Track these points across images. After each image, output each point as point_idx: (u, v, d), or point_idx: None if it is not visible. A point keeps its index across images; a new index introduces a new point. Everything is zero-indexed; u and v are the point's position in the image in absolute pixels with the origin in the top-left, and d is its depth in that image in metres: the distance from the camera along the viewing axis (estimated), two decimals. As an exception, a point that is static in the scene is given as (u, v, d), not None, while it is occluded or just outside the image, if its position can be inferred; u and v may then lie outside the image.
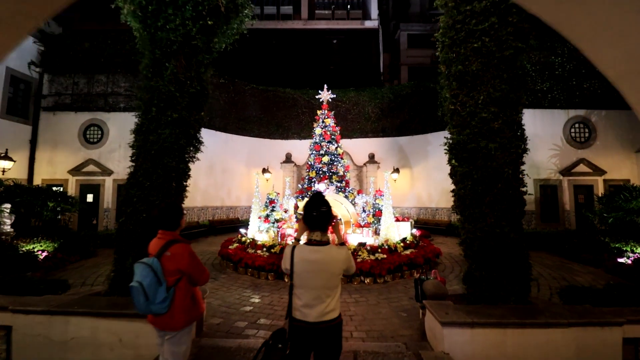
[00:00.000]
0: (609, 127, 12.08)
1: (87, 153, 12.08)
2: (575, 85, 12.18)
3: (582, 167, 11.81)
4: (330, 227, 2.06)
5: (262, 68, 19.81)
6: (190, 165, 4.57)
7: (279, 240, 7.63)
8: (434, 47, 4.85)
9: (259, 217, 8.09)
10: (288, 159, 16.94)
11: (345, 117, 17.30)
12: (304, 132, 16.75)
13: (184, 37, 4.15)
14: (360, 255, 6.91)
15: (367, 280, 6.53)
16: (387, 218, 7.80)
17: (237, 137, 16.29)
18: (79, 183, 12.03)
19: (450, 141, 4.32)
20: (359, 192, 9.70)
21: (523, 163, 4.00)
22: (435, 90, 15.85)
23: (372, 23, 20.02)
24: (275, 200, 8.17)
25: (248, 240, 8.01)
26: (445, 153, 4.49)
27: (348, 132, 17.10)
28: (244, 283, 6.70)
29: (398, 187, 15.92)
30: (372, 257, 6.84)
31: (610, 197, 9.00)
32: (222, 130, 15.64)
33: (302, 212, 2.07)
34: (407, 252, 7.40)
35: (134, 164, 4.22)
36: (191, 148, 4.45)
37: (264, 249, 7.42)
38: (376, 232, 8.34)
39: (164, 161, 4.02)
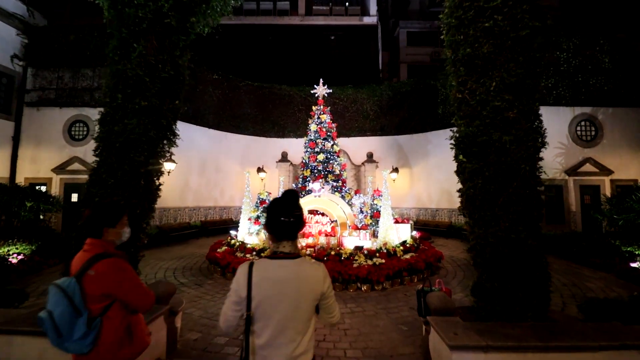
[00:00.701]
0: (616, 125, 11.63)
1: (72, 150, 11.54)
2: (581, 81, 11.73)
3: (588, 167, 11.35)
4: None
5: (258, 64, 19.31)
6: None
7: (270, 243, 7.12)
8: (434, 44, 4.45)
9: (249, 219, 7.57)
10: (284, 158, 16.43)
11: (343, 115, 16.81)
12: (301, 130, 16.22)
13: (155, 15, 3.65)
14: (356, 260, 6.41)
15: (364, 288, 6.03)
16: (386, 220, 7.30)
17: (231, 135, 15.78)
18: (64, 182, 11.48)
19: (457, 134, 3.82)
20: (356, 192, 9.20)
21: (541, 159, 3.51)
22: (435, 88, 15.39)
23: (370, 19, 19.55)
24: (267, 201, 7.65)
25: (237, 243, 7.50)
26: (451, 148, 3.99)
27: (346, 130, 16.62)
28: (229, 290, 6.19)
29: (397, 187, 15.44)
30: (369, 262, 6.34)
31: (621, 198, 8.53)
32: (215, 128, 15.12)
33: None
34: (407, 256, 6.91)
35: (97, 158, 3.71)
36: (165, 142, 3.94)
37: (254, 253, 6.91)
38: (374, 235, 7.85)
39: (130, 155, 3.52)
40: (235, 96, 15.90)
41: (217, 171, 15.17)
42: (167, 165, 11.74)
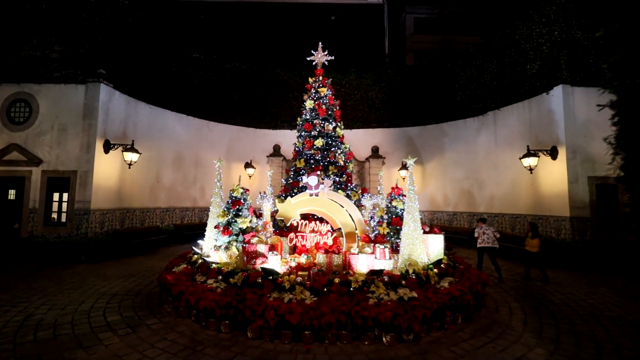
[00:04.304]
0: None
1: (10, 136, 9.24)
2: (637, 59, 9.61)
3: None
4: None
5: (249, 47, 17.09)
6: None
7: (245, 263, 4.89)
8: (443, 32, 2.31)
9: (216, 226, 5.29)
10: (276, 152, 14.24)
11: (345, 104, 14.62)
12: (297, 120, 14.05)
13: None
14: (373, 292, 4.20)
15: (387, 339, 3.82)
16: (412, 230, 5.07)
17: (214, 124, 13.55)
18: (-2, 175, 9.20)
19: None
20: (363, 191, 6.96)
21: None
22: (453, 71, 13.16)
23: (376, -2, 17.42)
24: (242, 201, 5.39)
25: (199, 261, 5.27)
26: (605, 87, 1.90)
27: (348, 121, 14.43)
28: (176, 340, 3.95)
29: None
30: (393, 296, 4.13)
31: None
32: (195, 115, 12.88)
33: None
34: (445, 283, 4.71)
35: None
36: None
37: (219, 277, 4.68)
38: (392, 249, 5.64)
39: None
40: (219, 79, 13.64)
41: (197, 166, 12.92)
42: (128, 156, 9.49)
